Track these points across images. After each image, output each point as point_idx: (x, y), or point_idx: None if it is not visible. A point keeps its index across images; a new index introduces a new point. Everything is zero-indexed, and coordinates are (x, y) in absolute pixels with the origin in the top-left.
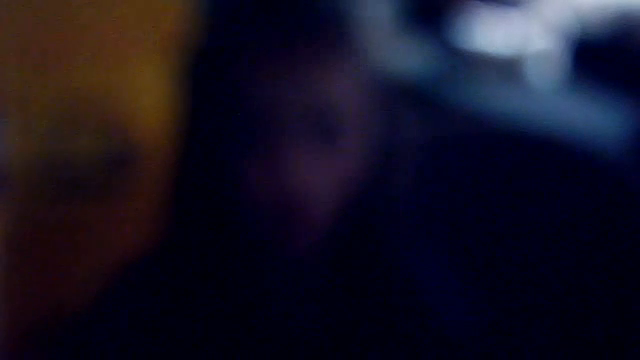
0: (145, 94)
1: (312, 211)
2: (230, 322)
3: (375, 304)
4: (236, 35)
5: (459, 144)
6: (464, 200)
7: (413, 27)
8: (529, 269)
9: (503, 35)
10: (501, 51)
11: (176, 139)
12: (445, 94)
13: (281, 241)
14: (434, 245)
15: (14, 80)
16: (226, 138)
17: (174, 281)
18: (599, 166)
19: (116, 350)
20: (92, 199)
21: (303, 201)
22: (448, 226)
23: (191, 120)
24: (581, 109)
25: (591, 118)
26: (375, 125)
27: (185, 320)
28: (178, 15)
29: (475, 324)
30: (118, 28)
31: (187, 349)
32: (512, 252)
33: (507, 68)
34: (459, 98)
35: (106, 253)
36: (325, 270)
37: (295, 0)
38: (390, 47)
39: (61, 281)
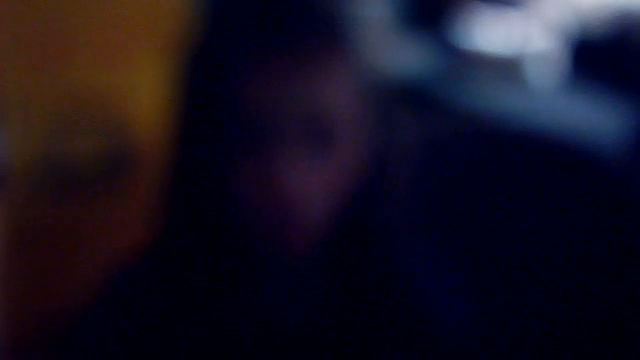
0: (145, 94)
1: (306, 217)
2: (226, 323)
3: (371, 309)
4: (233, 38)
5: (459, 144)
6: (463, 200)
7: (413, 27)
8: (528, 268)
9: (503, 35)
10: (501, 51)
11: (172, 141)
12: (445, 94)
13: (275, 245)
14: (432, 246)
15: (14, 80)
16: (221, 140)
17: (173, 281)
18: (599, 166)
19: (116, 349)
20: (92, 199)
21: (297, 206)
22: (447, 227)
23: (187, 122)
24: (581, 109)
25: (591, 118)
26: (372, 129)
27: (183, 320)
28: (178, 15)
29: (475, 327)
30: (118, 28)
31: (185, 349)
32: (511, 252)
33: (507, 68)
34: (459, 98)
35: (106, 253)
36: (320, 275)
37: (292, 4)
38: (388, 49)
39: (61, 281)
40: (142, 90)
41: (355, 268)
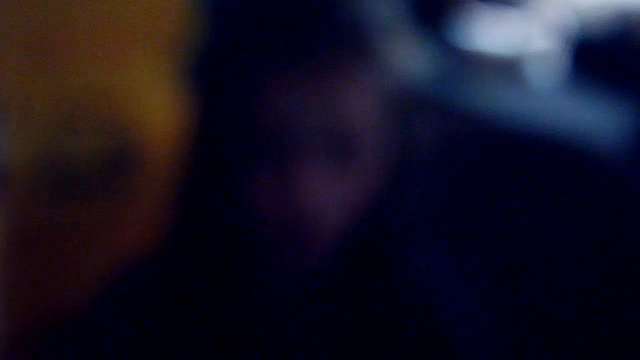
0: (145, 94)
1: (322, 227)
2: (231, 328)
3: (383, 321)
4: (252, 46)
5: (459, 144)
6: (464, 200)
7: (413, 28)
8: (530, 267)
9: (503, 35)
10: (501, 51)
11: (186, 146)
12: (445, 94)
13: (288, 254)
14: (441, 250)
15: (14, 80)
16: (238, 148)
17: (174, 283)
18: (599, 166)
19: (115, 351)
20: (92, 199)
21: (313, 216)
22: (449, 227)
23: (198, 126)
24: (581, 109)
25: (591, 118)
26: (389, 138)
27: (184, 322)
28: (179, 15)
29: (487, 335)
30: (118, 28)
31: (186, 351)
32: (513, 251)
33: (507, 68)
34: (459, 98)
35: (106, 253)
36: (333, 287)
37: (311, 13)
38: (403, 57)
39: (61, 281)
40: (142, 90)
41: (369, 279)
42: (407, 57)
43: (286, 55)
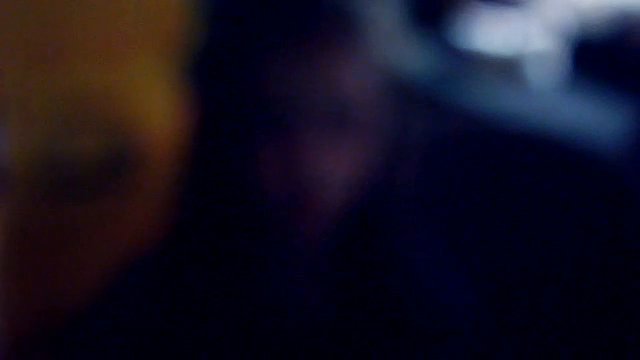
0: (145, 94)
1: (324, 200)
2: (235, 316)
3: (380, 293)
4: (245, 30)
5: (459, 143)
6: (463, 198)
7: (413, 27)
8: (529, 266)
9: (503, 35)
10: (501, 51)
11: (185, 140)
12: (445, 94)
13: (292, 229)
14: (435, 240)
15: (14, 80)
16: (238, 131)
17: (177, 280)
18: (599, 166)
19: (116, 350)
20: (92, 199)
21: (316, 189)
22: (447, 224)
23: (200, 120)
24: (581, 109)
25: (591, 118)
26: (383, 118)
27: (187, 319)
28: (179, 14)
29: (476, 316)
30: (118, 28)
31: (188, 348)
32: (512, 249)
33: (507, 68)
34: (459, 98)
35: (106, 253)
36: (333, 258)
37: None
38: (397, 43)
39: (61, 281)
40: (142, 90)
41: (365, 254)
42: (399, 44)
43: (284, 41)
